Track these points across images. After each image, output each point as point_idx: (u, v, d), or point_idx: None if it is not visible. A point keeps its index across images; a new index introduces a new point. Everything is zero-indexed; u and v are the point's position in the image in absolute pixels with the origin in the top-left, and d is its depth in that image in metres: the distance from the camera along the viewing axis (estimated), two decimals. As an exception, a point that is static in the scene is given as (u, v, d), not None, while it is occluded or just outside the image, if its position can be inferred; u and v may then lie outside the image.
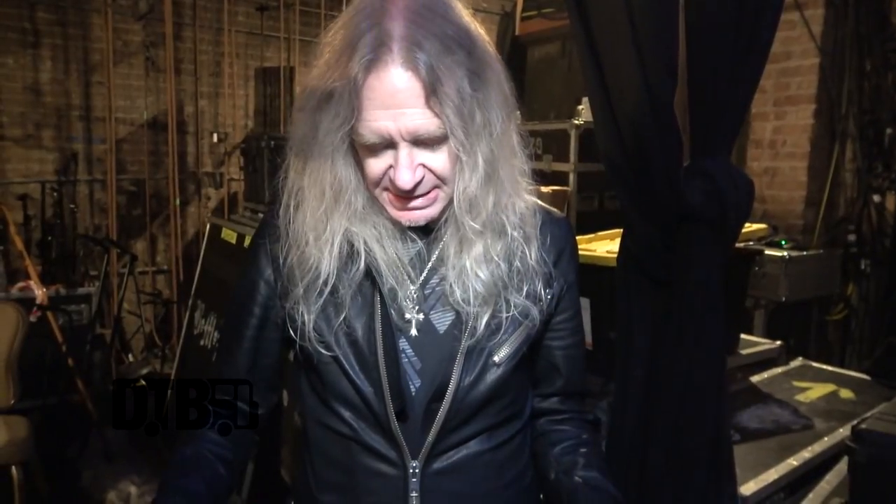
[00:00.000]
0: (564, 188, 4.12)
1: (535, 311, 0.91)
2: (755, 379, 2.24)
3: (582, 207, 4.23)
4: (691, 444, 1.22)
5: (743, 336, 2.44)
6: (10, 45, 4.25)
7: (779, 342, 2.51)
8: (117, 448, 3.36)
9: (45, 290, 3.59)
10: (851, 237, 3.55)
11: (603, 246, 2.16)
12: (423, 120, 0.78)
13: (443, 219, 0.88)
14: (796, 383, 2.24)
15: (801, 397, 2.10)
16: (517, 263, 0.90)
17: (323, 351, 0.88)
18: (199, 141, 4.90)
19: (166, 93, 4.24)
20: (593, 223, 3.55)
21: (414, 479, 0.88)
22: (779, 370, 2.36)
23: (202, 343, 3.20)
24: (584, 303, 2.09)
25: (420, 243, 0.91)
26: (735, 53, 1.08)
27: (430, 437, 0.88)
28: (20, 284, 3.73)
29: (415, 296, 0.90)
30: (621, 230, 2.35)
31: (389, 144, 0.80)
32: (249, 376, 0.98)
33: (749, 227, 2.14)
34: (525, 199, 0.92)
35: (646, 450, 1.29)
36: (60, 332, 3.53)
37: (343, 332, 0.88)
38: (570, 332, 1.00)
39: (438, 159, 0.82)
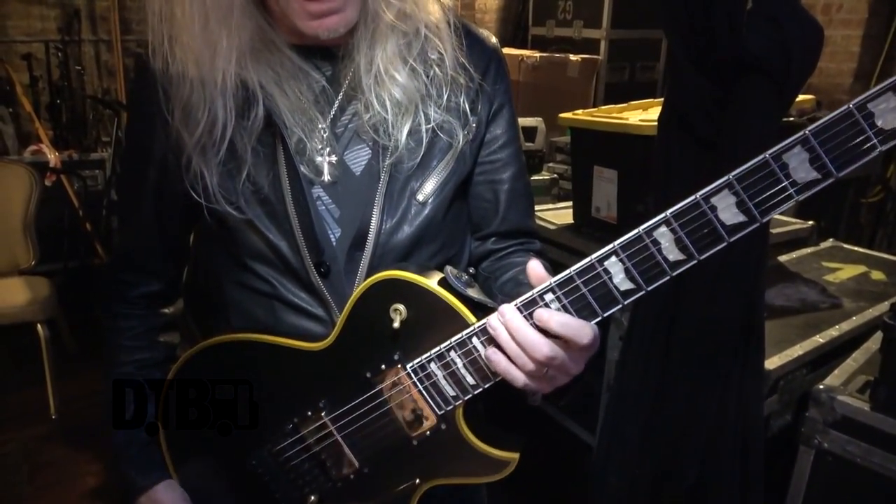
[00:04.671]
0: (595, 57, 3.87)
1: (459, 132, 0.83)
2: (783, 258, 2.17)
3: (612, 79, 4.01)
4: (724, 311, 1.17)
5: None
6: None
7: (810, 222, 2.42)
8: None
9: (57, 153, 3.54)
10: (900, 115, 3.35)
11: (635, 115, 2.02)
12: None
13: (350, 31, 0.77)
14: (826, 264, 2.17)
15: (830, 277, 2.04)
16: (434, 69, 0.81)
17: (232, 212, 0.79)
18: (207, -1, 4.61)
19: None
20: (623, 95, 3.35)
21: None
22: (808, 250, 2.28)
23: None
24: (611, 174, 1.99)
25: (326, 72, 0.81)
26: None
27: (356, 288, 0.80)
28: (32, 147, 3.68)
29: (325, 136, 0.81)
30: (655, 100, 2.19)
31: None
32: (158, 251, 0.91)
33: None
34: (440, 4, 0.82)
35: (672, 320, 1.24)
36: (76, 197, 3.53)
37: (248, 188, 0.79)
38: (505, 163, 0.90)
39: None
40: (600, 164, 1.99)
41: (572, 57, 3.73)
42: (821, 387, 1.36)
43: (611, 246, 0.63)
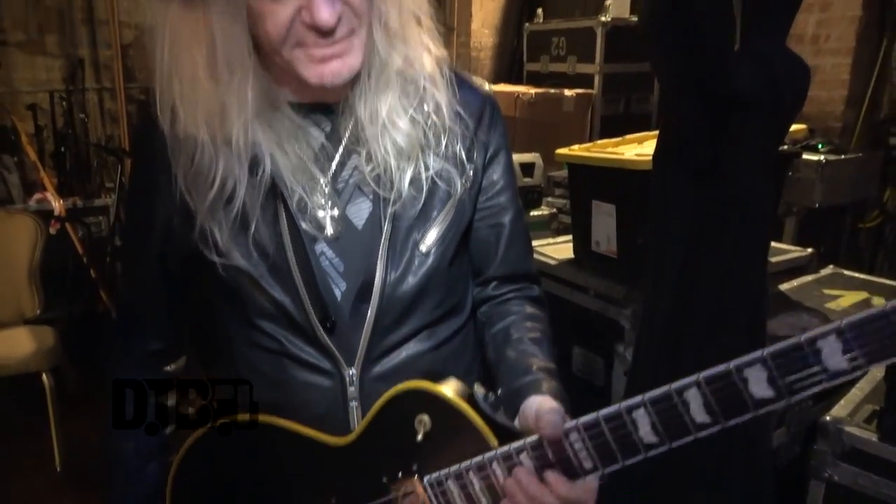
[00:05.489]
0: (589, 91, 3.94)
1: (458, 180, 0.84)
2: (784, 287, 2.18)
3: (607, 111, 4.06)
4: (725, 345, 1.17)
5: (772, 243, 2.36)
6: (5, -56, 4.03)
7: (809, 249, 2.43)
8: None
9: (62, 201, 3.58)
10: (894, 140, 3.38)
11: (631, 149, 2.06)
12: None
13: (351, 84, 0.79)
14: (827, 291, 2.17)
15: (831, 305, 2.04)
16: (432, 118, 0.82)
17: (242, 267, 0.80)
18: (208, 46, 4.71)
19: (170, -7, 4.03)
20: (619, 126, 3.40)
21: (352, 388, 0.83)
22: (809, 278, 2.29)
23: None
24: (610, 209, 2.01)
25: (325, 128, 0.83)
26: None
27: (363, 342, 0.82)
28: (37, 196, 3.72)
29: (326, 192, 0.82)
30: (649, 133, 2.23)
31: None
32: (160, 307, 0.92)
33: (789, 128, 2.01)
34: (434, 52, 0.84)
35: (676, 353, 1.25)
36: (81, 244, 3.56)
37: (254, 244, 0.81)
38: (502, 208, 0.92)
39: None
40: (598, 199, 2.02)
41: (567, 92, 3.80)
42: (828, 418, 1.35)
43: (640, 398, 0.65)
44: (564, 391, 0.83)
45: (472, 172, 0.87)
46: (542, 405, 0.76)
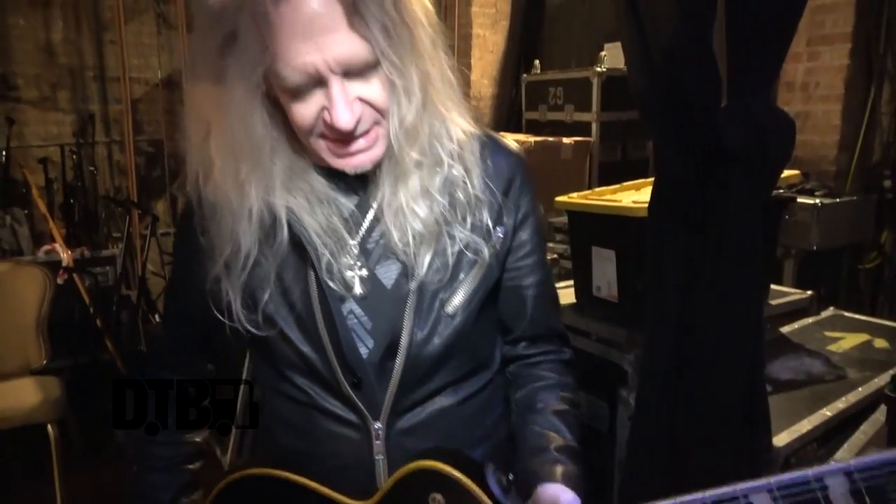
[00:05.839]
0: (587, 139, 4.03)
1: (485, 248, 0.85)
2: (785, 329, 2.19)
3: (605, 158, 4.14)
4: (726, 392, 1.19)
5: (772, 286, 2.39)
6: (21, 5, 4.20)
7: (809, 292, 2.45)
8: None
9: (70, 252, 3.63)
10: (887, 182, 3.43)
11: (628, 196, 2.10)
12: (350, 45, 0.69)
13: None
14: (828, 333, 2.18)
15: (833, 347, 2.05)
16: (458, 194, 0.83)
17: (252, 329, 0.83)
18: (215, 99, 4.84)
19: (179, 51, 4.18)
20: (617, 173, 3.47)
21: (378, 441, 0.85)
22: (809, 320, 2.30)
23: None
24: (609, 255, 2.04)
25: (357, 195, 0.84)
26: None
27: (389, 397, 0.84)
28: (46, 247, 3.78)
29: (355, 253, 0.84)
30: (646, 180, 2.29)
31: (318, 82, 0.71)
32: (198, 350, 0.97)
33: (782, 174, 2.06)
34: (462, 125, 0.84)
35: (677, 400, 1.26)
36: (87, 294, 3.59)
37: (284, 302, 0.83)
38: (531, 269, 0.93)
39: (374, 90, 0.74)
40: (598, 245, 2.05)
41: (565, 140, 3.89)
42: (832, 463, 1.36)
43: None
44: (581, 469, 0.84)
45: (501, 235, 0.88)
46: (556, 498, 0.76)
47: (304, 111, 0.74)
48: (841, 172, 3.54)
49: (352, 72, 0.72)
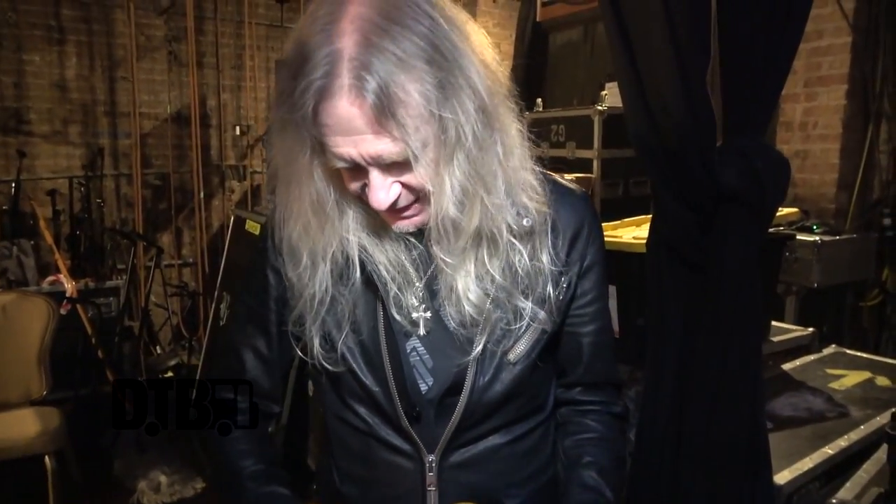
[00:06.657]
0: (588, 175, 4.07)
1: (542, 314, 0.87)
2: (787, 366, 2.19)
3: (606, 194, 4.18)
4: (727, 431, 1.19)
5: (774, 323, 2.39)
6: (37, 43, 4.32)
7: (811, 329, 2.45)
8: (148, 438, 3.41)
9: (74, 283, 3.65)
10: (887, 220, 3.45)
11: (629, 232, 2.13)
12: (382, 146, 0.71)
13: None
14: (830, 371, 2.18)
15: (835, 385, 2.04)
16: (518, 270, 0.84)
17: (329, 367, 0.88)
18: (223, 134, 4.93)
19: (189, 87, 4.27)
20: (618, 210, 3.49)
21: (431, 473, 0.88)
22: (811, 357, 2.30)
23: (228, 334, 3.23)
24: (611, 290, 2.05)
25: (420, 245, 0.86)
26: (770, 26, 1.04)
27: (446, 434, 0.87)
28: (50, 278, 3.80)
29: (421, 294, 0.87)
30: (647, 216, 2.31)
31: (359, 165, 0.74)
32: (270, 373, 0.98)
33: (780, 212, 2.08)
34: (528, 191, 0.83)
35: (679, 438, 1.26)
36: (90, 325, 3.60)
37: (353, 335, 0.87)
38: (591, 318, 0.94)
39: (411, 177, 0.75)
40: (599, 281, 2.07)
41: (568, 176, 3.93)
42: (834, 501, 1.35)
43: None
44: None
45: (564, 285, 0.89)
46: None
47: (352, 183, 0.78)
48: (841, 210, 3.57)
49: (385, 164, 0.74)
